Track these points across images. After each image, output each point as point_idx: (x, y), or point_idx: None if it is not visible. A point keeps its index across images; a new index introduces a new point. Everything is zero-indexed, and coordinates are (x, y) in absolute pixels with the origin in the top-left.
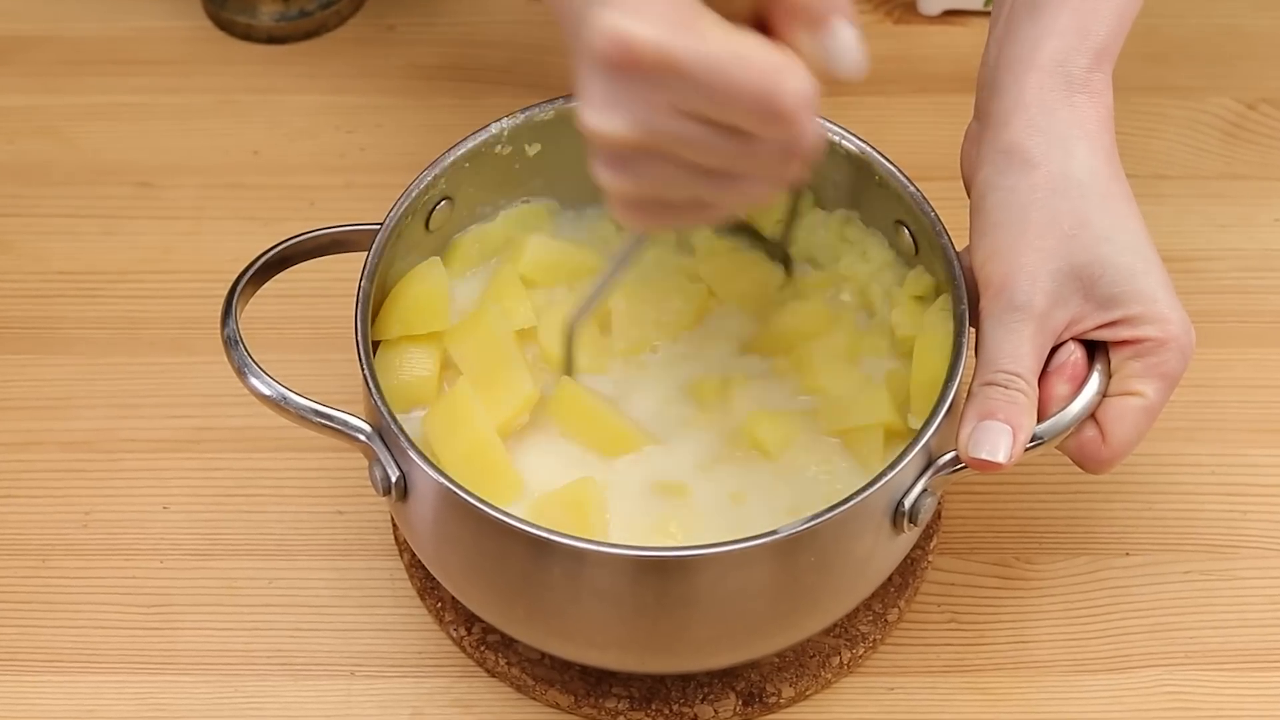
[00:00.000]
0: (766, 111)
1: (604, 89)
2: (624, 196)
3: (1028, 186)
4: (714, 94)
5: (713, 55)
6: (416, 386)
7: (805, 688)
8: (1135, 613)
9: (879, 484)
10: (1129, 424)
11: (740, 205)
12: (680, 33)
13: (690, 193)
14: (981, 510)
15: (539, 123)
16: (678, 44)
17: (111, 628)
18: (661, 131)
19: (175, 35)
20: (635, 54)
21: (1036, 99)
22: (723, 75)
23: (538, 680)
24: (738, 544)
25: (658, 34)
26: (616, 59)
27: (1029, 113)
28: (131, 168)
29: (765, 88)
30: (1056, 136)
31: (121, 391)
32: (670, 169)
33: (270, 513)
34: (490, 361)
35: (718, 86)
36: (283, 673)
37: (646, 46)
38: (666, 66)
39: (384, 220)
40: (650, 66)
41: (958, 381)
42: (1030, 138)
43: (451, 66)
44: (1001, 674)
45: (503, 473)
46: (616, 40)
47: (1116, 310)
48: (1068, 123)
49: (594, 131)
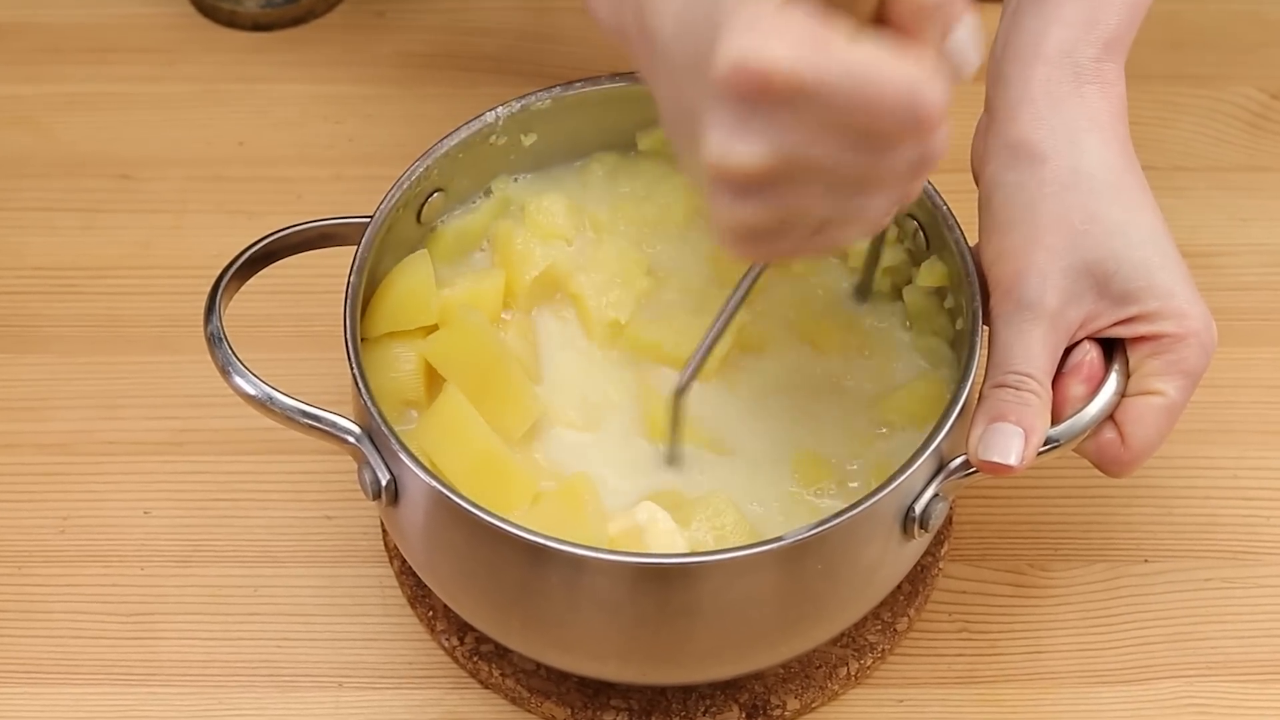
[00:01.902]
0: (909, 122)
1: (736, 117)
2: (747, 228)
3: (1036, 182)
4: (855, 111)
5: (851, 73)
6: (407, 386)
7: (811, 700)
8: (1154, 622)
9: (889, 488)
10: (1150, 424)
11: (865, 228)
12: (816, 51)
13: (821, 214)
14: (995, 516)
15: (535, 111)
16: (817, 64)
17: (90, 637)
18: (800, 155)
19: (157, 22)
20: (773, 80)
21: (1043, 91)
22: (863, 92)
23: (533, 692)
24: (742, 551)
25: (795, 56)
26: (753, 86)
27: (1036, 106)
28: (112, 159)
29: (907, 99)
30: (1065, 129)
31: (101, 392)
32: (804, 192)
33: (255, 518)
34: (482, 372)
35: (858, 103)
36: (269, 684)
37: (784, 72)
38: (806, 90)
39: (374, 213)
40: (790, 92)
41: (970, 383)
42: (1037, 131)
43: (444, 54)
44: (1015, 685)
45: (514, 480)
46: (753, 67)
47: (1132, 306)
48: (1076, 114)
49: (727, 164)
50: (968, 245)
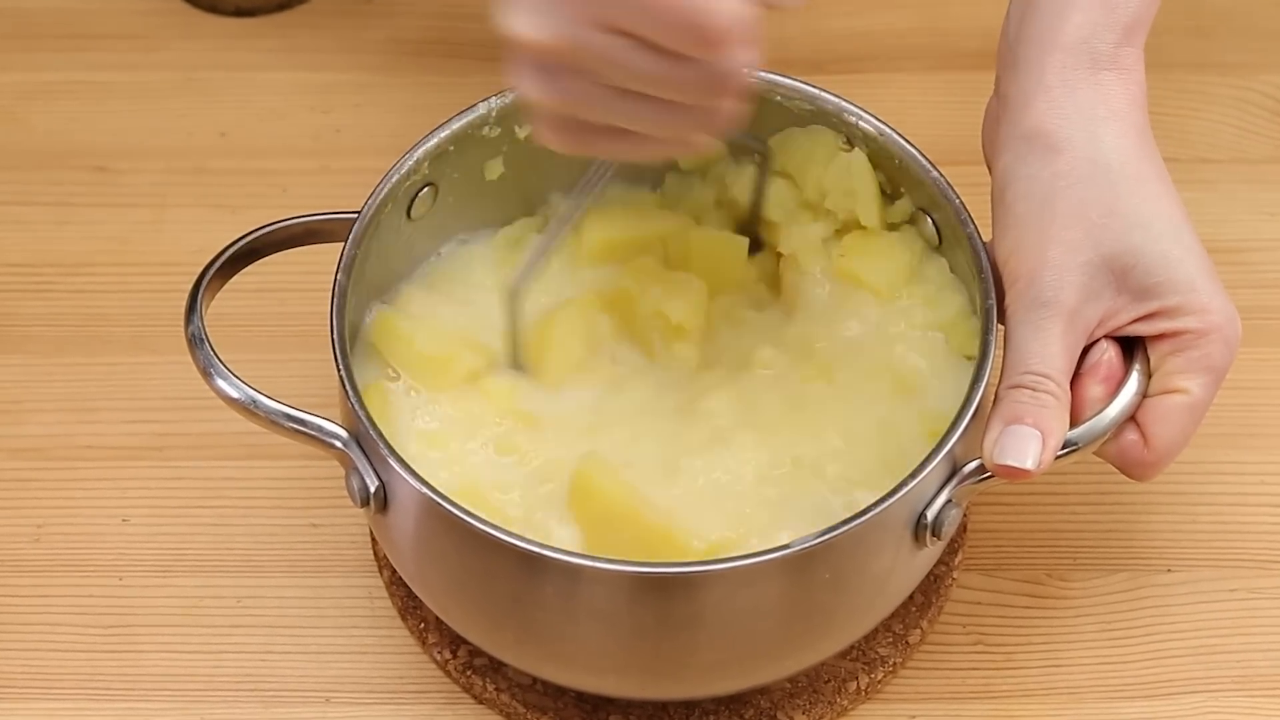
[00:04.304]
0: (695, 32)
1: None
2: (545, 111)
3: (1051, 174)
4: (643, 9)
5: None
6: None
7: (819, 715)
8: (1177, 634)
9: (899, 494)
10: (1173, 424)
11: (671, 143)
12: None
13: (615, 115)
14: (1011, 523)
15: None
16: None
17: (66, 651)
18: (588, 43)
19: (136, 7)
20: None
21: (1059, 79)
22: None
23: (529, 707)
24: (746, 559)
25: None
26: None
27: (1051, 94)
28: (87, 151)
29: (688, 11)
30: (1081, 118)
31: (77, 394)
32: (594, 86)
33: (238, 525)
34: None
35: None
36: (252, 699)
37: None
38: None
39: (362, 208)
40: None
41: (984, 383)
42: (1053, 120)
43: (435, 41)
44: (1031, 700)
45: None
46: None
47: (1153, 302)
48: (1093, 103)
49: (516, 35)
50: (982, 241)
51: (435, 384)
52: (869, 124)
